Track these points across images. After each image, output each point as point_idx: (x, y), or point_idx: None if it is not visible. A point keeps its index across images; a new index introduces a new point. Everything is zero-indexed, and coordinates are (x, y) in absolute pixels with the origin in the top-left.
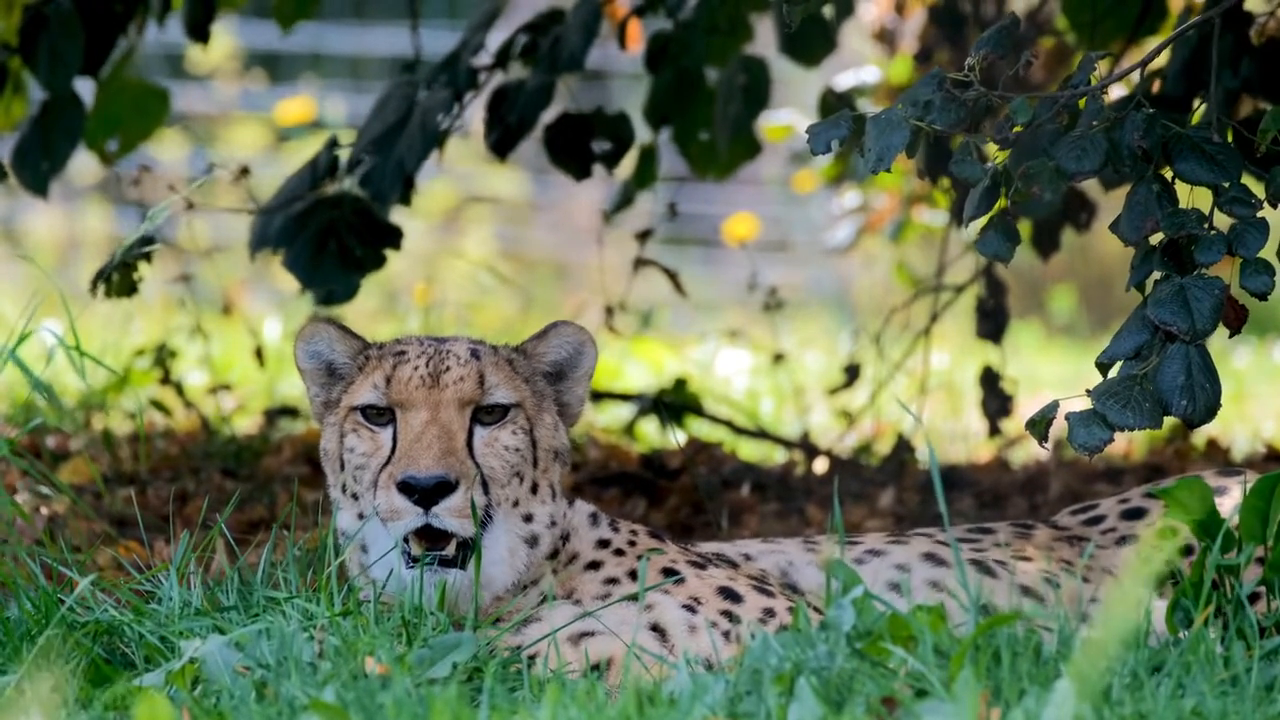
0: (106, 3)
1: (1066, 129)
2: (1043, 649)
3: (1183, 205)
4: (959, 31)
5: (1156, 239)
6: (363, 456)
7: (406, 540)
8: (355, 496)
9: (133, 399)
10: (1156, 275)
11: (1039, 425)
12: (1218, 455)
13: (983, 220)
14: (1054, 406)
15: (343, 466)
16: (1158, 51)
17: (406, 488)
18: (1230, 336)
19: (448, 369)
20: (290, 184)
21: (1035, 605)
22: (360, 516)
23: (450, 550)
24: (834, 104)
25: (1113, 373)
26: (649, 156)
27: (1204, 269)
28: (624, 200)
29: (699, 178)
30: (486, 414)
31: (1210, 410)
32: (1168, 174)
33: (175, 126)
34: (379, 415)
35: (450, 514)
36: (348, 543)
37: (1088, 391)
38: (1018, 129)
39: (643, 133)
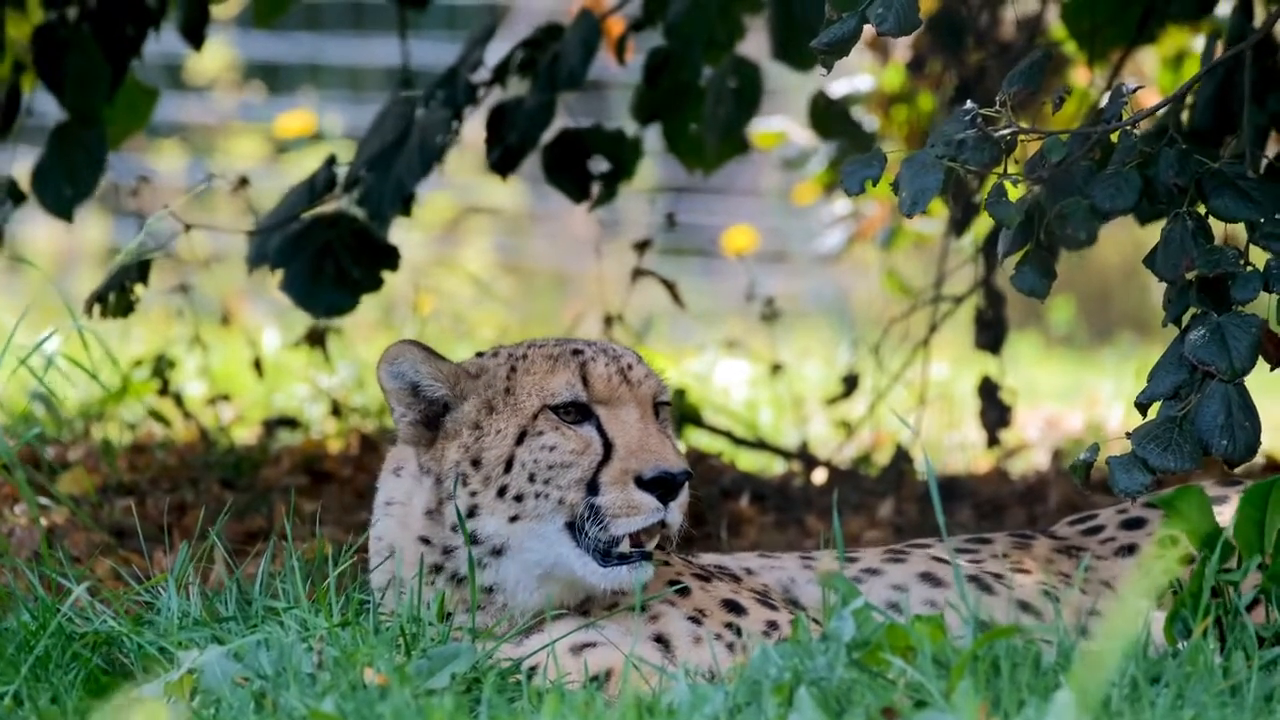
0: (120, 25)
1: (1100, 165)
2: (1042, 660)
3: (1215, 241)
4: (953, 40)
5: (1192, 274)
6: (571, 455)
7: (600, 539)
8: (518, 498)
9: (131, 410)
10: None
11: (1079, 469)
12: (1216, 465)
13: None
14: (1095, 450)
15: (507, 469)
16: (1188, 88)
17: (657, 483)
18: (1271, 370)
19: (630, 367)
20: (288, 200)
21: (1033, 619)
22: (513, 519)
23: (651, 545)
24: (825, 110)
25: (1151, 413)
26: (634, 150)
27: (1240, 306)
28: (606, 194)
29: (688, 172)
30: (659, 410)
31: (1251, 449)
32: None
33: (174, 137)
34: (569, 414)
35: (680, 508)
36: (474, 548)
37: (1128, 434)
38: (1051, 165)
39: (631, 127)
